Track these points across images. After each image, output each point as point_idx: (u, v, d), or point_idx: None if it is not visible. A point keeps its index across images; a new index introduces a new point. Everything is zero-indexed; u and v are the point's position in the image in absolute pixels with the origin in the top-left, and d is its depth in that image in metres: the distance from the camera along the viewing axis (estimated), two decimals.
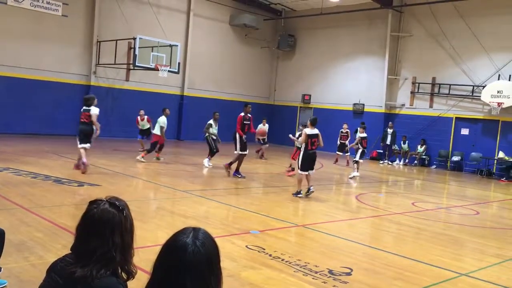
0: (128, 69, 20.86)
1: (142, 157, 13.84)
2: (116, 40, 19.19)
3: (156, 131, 14.20)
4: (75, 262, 1.83)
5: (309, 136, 10.12)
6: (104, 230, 1.82)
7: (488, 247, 7.34)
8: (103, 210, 1.85)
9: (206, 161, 13.87)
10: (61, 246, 5.20)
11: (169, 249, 1.58)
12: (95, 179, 10.08)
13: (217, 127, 13.83)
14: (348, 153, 18.23)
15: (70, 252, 1.90)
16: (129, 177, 11.00)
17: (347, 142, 18.45)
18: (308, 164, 10.23)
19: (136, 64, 18.38)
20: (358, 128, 16.14)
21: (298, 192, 10.24)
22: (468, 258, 6.62)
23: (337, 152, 18.76)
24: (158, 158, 14.49)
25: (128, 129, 21.12)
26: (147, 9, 21.08)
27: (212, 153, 13.84)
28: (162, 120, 14.23)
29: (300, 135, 12.98)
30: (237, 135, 12.21)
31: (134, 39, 18.32)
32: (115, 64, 19.56)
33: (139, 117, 16.35)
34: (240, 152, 12.23)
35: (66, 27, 19.09)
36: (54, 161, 12.37)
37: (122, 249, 1.85)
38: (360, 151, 14.74)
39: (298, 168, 10.31)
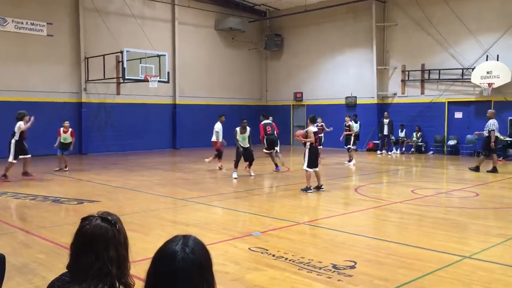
0: (118, 83, 20.87)
1: (210, 162, 15.21)
2: (104, 55, 19.19)
3: (213, 138, 14.69)
4: (72, 280, 1.83)
5: (314, 133, 10.62)
6: (98, 245, 1.83)
7: (490, 227, 7.37)
8: (96, 225, 1.86)
9: (233, 173, 13.06)
10: (64, 265, 5.17)
11: (159, 257, 1.59)
12: (94, 195, 10.08)
13: (245, 135, 13.35)
14: (320, 146, 18.36)
15: (67, 270, 1.91)
16: (128, 191, 10.99)
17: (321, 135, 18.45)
18: (315, 160, 10.66)
19: (126, 77, 18.38)
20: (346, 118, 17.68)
21: (308, 188, 10.44)
22: (471, 241, 6.64)
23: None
24: (220, 168, 14.66)
25: (124, 143, 21.14)
26: (132, 22, 21.09)
27: (235, 163, 13.22)
28: (218, 126, 14.63)
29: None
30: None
31: (122, 52, 18.33)
32: (104, 79, 19.57)
33: (62, 129, 14.41)
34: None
35: (52, 47, 19.08)
36: (50, 181, 12.35)
37: (118, 262, 1.86)
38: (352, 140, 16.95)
39: (306, 165, 10.58)
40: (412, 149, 20.92)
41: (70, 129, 14.55)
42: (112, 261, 1.83)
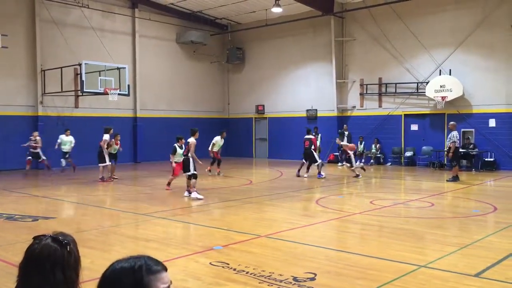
0: (77, 96, 20.41)
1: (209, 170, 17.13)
2: (61, 68, 18.76)
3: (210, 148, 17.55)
4: None
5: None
6: (44, 265, 1.76)
7: (445, 236, 7.62)
8: (45, 245, 1.79)
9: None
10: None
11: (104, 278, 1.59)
12: (50, 212, 9.78)
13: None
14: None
15: None
16: (87, 206, 10.73)
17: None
18: None
19: (84, 90, 18.02)
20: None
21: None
22: (427, 250, 6.85)
23: None
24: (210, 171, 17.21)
25: (82, 156, 20.59)
26: (91, 34, 20.74)
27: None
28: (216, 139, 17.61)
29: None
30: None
31: (80, 65, 17.98)
32: (62, 92, 19.10)
33: (114, 140, 16.00)
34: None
35: (7, 59, 18.48)
36: (5, 197, 11.90)
37: (65, 285, 1.79)
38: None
39: None
40: (371, 161, 21.40)
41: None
42: (58, 284, 1.76)
